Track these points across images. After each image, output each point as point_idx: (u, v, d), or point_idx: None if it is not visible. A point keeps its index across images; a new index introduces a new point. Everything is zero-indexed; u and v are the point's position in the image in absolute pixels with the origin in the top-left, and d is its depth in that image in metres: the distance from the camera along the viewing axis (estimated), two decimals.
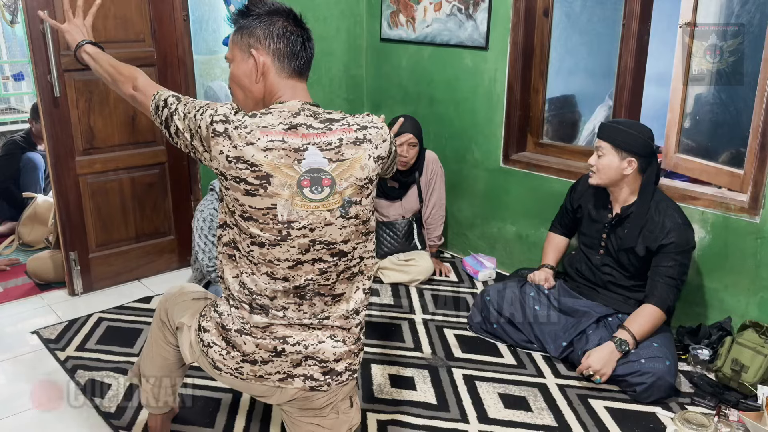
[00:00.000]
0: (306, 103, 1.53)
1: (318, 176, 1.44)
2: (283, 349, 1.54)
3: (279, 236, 1.46)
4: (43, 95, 2.79)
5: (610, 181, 2.38)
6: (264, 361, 1.55)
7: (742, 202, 2.45)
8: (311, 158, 1.44)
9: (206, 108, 1.48)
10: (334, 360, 1.58)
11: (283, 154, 1.42)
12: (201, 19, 3.20)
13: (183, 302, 1.76)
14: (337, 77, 3.74)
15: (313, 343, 1.56)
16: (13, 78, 5.80)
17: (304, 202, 1.44)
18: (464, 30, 3.24)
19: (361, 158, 1.50)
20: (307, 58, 1.57)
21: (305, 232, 1.46)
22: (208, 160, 1.48)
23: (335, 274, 1.53)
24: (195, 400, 2.20)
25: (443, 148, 3.45)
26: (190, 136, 1.50)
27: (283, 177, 1.42)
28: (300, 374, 1.56)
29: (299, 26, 1.55)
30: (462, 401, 2.24)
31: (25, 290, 3.12)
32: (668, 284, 2.31)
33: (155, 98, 1.61)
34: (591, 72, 3.94)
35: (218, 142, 1.43)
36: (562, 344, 2.45)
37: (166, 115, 1.56)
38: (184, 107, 1.53)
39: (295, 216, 1.45)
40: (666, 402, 2.24)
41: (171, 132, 1.56)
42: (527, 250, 3.24)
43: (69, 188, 2.94)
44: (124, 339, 2.61)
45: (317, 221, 1.46)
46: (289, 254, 1.47)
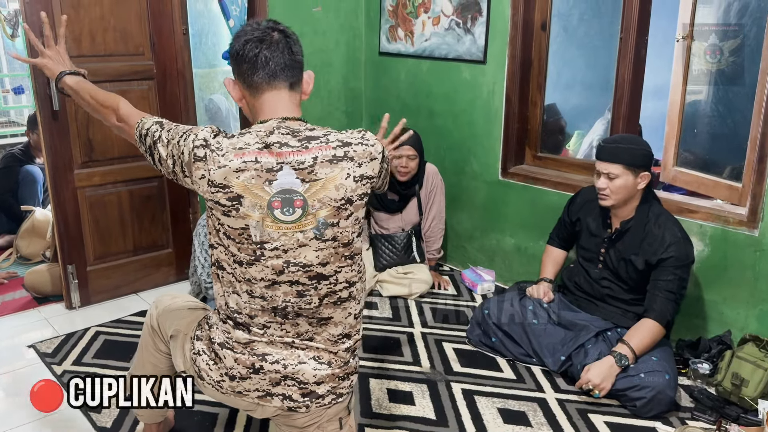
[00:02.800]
0: (285, 119, 1.48)
1: (290, 197, 1.42)
2: (261, 367, 1.53)
3: (253, 256, 1.46)
4: (43, 108, 2.80)
5: (625, 200, 2.37)
6: (242, 377, 1.54)
7: (740, 215, 2.45)
8: (284, 178, 1.42)
9: (188, 133, 1.48)
10: (315, 383, 1.55)
11: (255, 174, 1.41)
12: (200, 33, 3.22)
13: (178, 311, 1.76)
14: (336, 90, 3.76)
15: (292, 363, 1.53)
16: (13, 91, 5.81)
17: (275, 224, 1.43)
18: (462, 44, 3.25)
19: (336, 178, 1.44)
20: (279, 62, 1.48)
21: (278, 254, 1.45)
22: (190, 185, 1.49)
23: (317, 297, 1.50)
24: (192, 414, 2.18)
25: (442, 160, 3.46)
26: (171, 163, 1.51)
27: (253, 198, 1.42)
28: (279, 393, 1.55)
29: (264, 36, 1.48)
30: (461, 416, 2.23)
31: (22, 304, 3.11)
32: (667, 298, 2.30)
33: (139, 126, 1.60)
34: (588, 85, 3.96)
35: (198, 167, 1.44)
36: (561, 358, 2.44)
37: (149, 143, 1.57)
38: (167, 134, 1.53)
39: (267, 237, 1.44)
40: (666, 416, 2.23)
41: (155, 159, 1.57)
42: (526, 262, 3.24)
43: (67, 201, 2.94)
44: (121, 353, 2.60)
45: (289, 242, 1.44)
46: (264, 274, 1.47)
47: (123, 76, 2.96)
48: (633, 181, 2.32)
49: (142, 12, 2.96)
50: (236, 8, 3.00)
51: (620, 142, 2.38)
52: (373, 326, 2.87)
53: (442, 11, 3.31)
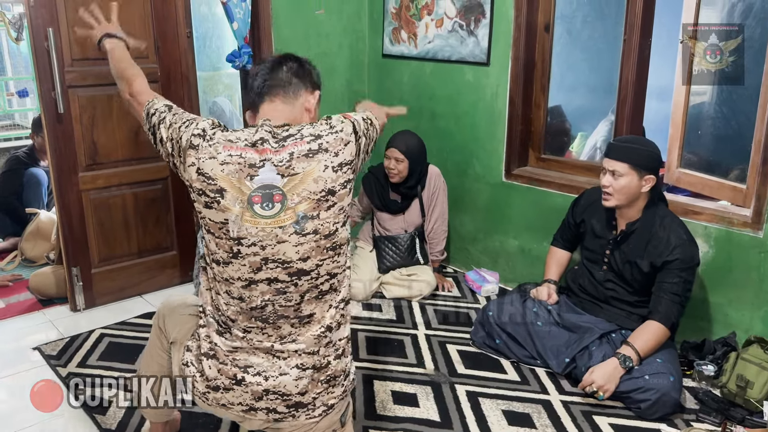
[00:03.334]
0: (267, 120, 1.56)
1: (269, 192, 1.46)
2: (243, 378, 1.53)
3: (230, 253, 1.48)
4: (47, 111, 2.81)
5: (627, 201, 2.36)
6: (226, 388, 1.55)
7: (745, 217, 2.44)
8: (265, 174, 1.46)
9: (191, 122, 1.54)
10: (298, 393, 1.55)
11: (237, 168, 1.46)
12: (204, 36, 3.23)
13: (181, 315, 1.77)
14: (340, 93, 3.76)
15: (273, 374, 1.54)
16: (18, 94, 5.84)
17: (254, 219, 1.45)
18: (466, 46, 3.26)
19: (313, 171, 1.48)
20: (268, 83, 1.63)
21: (255, 250, 1.47)
22: (182, 172, 1.53)
23: (298, 294, 1.51)
24: (197, 416, 2.18)
25: (445, 162, 3.46)
26: (171, 146, 1.55)
27: (235, 192, 1.45)
28: (262, 408, 1.55)
29: (263, 67, 1.66)
30: (465, 418, 2.22)
31: (27, 306, 3.12)
32: (673, 301, 2.30)
33: (149, 105, 1.66)
34: (592, 87, 3.96)
35: (191, 154, 1.49)
36: (565, 360, 2.44)
37: (155, 121, 1.61)
38: (172, 117, 1.58)
39: (245, 233, 1.46)
40: (671, 418, 2.22)
41: (156, 139, 1.61)
42: (530, 264, 3.23)
43: (72, 203, 2.95)
44: (125, 355, 2.60)
45: (267, 238, 1.46)
46: (240, 273, 1.48)
47: None
48: (637, 182, 2.32)
49: (146, 16, 2.97)
50: (240, 11, 3.01)
51: (631, 143, 2.37)
52: (376, 328, 2.88)
53: (446, 13, 3.31)
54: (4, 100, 5.65)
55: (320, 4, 3.50)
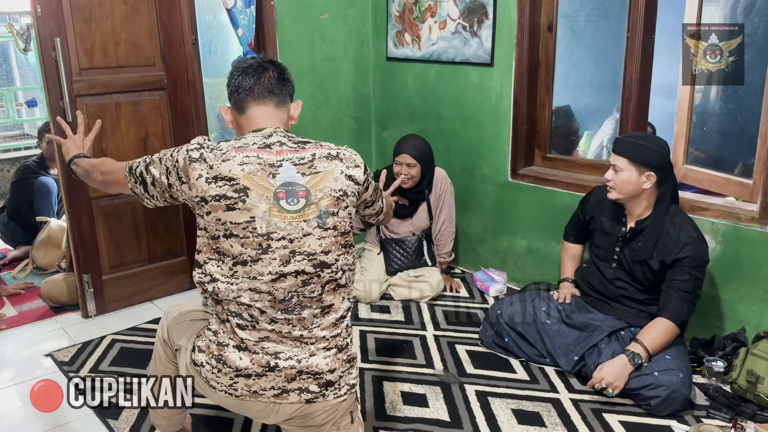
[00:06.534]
0: (278, 128, 1.62)
1: (293, 189, 1.51)
2: (276, 365, 1.57)
3: (260, 249, 1.50)
4: (56, 121, 2.84)
5: (628, 195, 2.37)
6: (258, 375, 1.57)
7: (752, 212, 2.44)
8: (285, 173, 1.52)
9: (181, 147, 1.58)
10: (328, 371, 1.61)
11: (258, 168, 1.50)
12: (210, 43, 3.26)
13: (182, 322, 1.79)
14: (345, 96, 3.78)
15: (305, 356, 1.59)
16: (27, 104, 5.90)
17: (281, 213, 1.50)
18: (469, 47, 3.27)
19: (333, 171, 1.57)
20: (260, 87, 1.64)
21: (284, 243, 1.51)
22: (187, 191, 1.54)
23: (320, 285, 1.57)
24: (208, 421, 2.20)
25: (451, 164, 3.47)
26: (166, 177, 1.58)
27: (259, 189, 1.49)
28: (295, 388, 1.59)
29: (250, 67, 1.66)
30: (475, 418, 2.23)
31: (39, 313, 3.15)
32: (682, 298, 2.29)
33: (127, 166, 1.72)
34: (597, 86, 3.96)
35: (195, 167, 1.51)
36: (574, 358, 2.44)
37: (141, 168, 1.66)
38: (158, 156, 1.63)
39: (274, 227, 1.50)
40: (681, 415, 2.22)
41: (147, 184, 1.64)
42: (538, 264, 3.24)
43: (82, 211, 2.97)
44: (137, 360, 2.63)
45: (295, 231, 1.51)
46: (271, 267, 1.51)
47: (135, 87, 3.00)
48: (637, 178, 2.32)
49: (152, 24, 3.00)
50: (244, 17, 3.03)
51: (635, 138, 2.37)
52: (385, 329, 2.89)
53: (449, 15, 3.32)
54: (13, 110, 5.71)
55: (324, 8, 3.53)
